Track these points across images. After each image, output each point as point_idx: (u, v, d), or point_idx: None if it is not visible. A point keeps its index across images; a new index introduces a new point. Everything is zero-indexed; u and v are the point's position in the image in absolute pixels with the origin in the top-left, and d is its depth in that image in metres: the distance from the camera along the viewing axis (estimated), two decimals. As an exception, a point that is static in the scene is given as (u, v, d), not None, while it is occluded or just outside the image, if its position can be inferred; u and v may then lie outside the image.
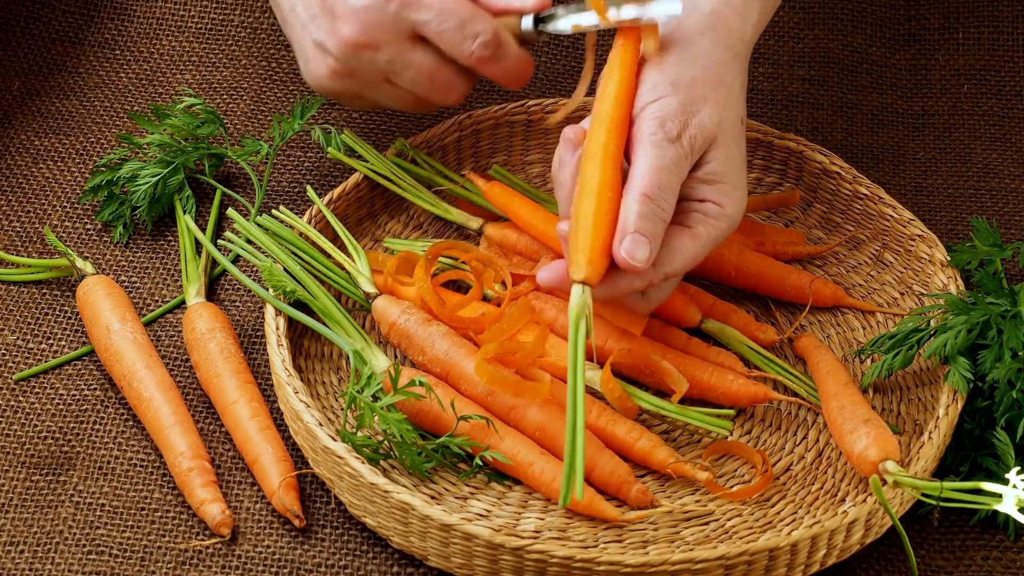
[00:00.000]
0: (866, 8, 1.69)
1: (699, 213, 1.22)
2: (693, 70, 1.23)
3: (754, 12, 1.29)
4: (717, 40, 1.25)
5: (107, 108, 1.59)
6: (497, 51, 1.31)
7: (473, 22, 1.29)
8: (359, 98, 1.36)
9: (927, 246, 1.38)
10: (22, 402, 1.31)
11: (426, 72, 1.32)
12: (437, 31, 1.29)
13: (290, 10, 1.34)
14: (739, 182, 1.24)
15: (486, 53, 1.30)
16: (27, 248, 1.45)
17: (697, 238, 1.22)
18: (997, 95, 1.65)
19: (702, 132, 1.21)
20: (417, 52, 1.31)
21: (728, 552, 1.14)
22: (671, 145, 1.19)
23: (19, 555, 1.20)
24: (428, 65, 1.31)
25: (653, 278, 1.21)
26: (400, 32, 1.30)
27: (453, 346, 1.28)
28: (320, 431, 1.20)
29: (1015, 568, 1.23)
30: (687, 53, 1.23)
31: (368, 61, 1.31)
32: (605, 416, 1.26)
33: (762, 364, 1.32)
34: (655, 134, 1.19)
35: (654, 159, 1.19)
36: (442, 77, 1.32)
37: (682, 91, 1.21)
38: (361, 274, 1.34)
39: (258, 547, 1.22)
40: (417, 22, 1.29)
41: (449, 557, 1.18)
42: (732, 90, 1.25)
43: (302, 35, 1.34)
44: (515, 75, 1.33)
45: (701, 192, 1.23)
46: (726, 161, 1.23)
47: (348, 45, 1.30)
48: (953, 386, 1.24)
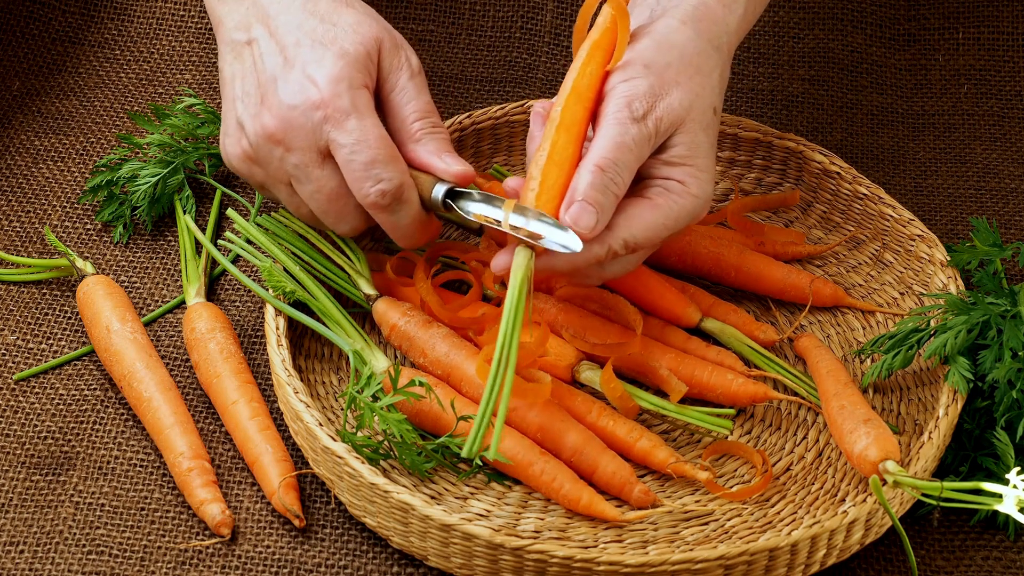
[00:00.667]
0: (866, 8, 1.69)
1: (660, 187, 1.23)
2: (669, 56, 1.23)
3: (740, 5, 1.29)
4: (700, 31, 1.25)
5: (107, 108, 1.59)
6: (394, 204, 1.26)
7: (383, 166, 1.25)
8: (262, 188, 1.33)
9: (927, 246, 1.38)
10: (22, 402, 1.31)
11: (325, 192, 1.27)
12: (346, 159, 1.25)
13: (229, 80, 1.31)
14: (705, 167, 1.24)
15: (382, 201, 1.25)
16: (27, 248, 1.45)
17: (657, 208, 1.21)
18: (997, 95, 1.65)
19: (669, 115, 1.21)
20: (324, 169, 1.26)
21: (728, 552, 1.14)
22: (634, 124, 1.20)
23: (19, 555, 1.20)
24: (329, 187, 1.27)
25: (611, 244, 1.20)
26: (315, 143, 1.25)
27: (454, 348, 1.28)
28: (320, 431, 1.20)
29: (1015, 568, 1.23)
30: (666, 40, 1.24)
31: (277, 158, 1.27)
32: (605, 416, 1.26)
33: (762, 364, 1.32)
34: (620, 111, 1.20)
35: (615, 135, 1.19)
36: (339, 204, 1.28)
37: (654, 74, 1.22)
38: (361, 275, 1.34)
39: (258, 547, 1.22)
40: (332, 141, 1.25)
41: (449, 557, 1.18)
42: (708, 79, 1.25)
43: (229, 109, 1.31)
44: (407, 234, 1.28)
45: (664, 171, 1.23)
46: (692, 146, 1.23)
47: (264, 135, 1.27)
48: (953, 386, 1.24)
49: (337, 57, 1.26)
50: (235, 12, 1.31)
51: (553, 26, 1.68)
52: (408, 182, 1.26)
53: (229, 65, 1.31)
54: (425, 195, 1.27)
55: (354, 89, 1.25)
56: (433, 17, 1.68)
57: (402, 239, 1.29)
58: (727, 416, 1.27)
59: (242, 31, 1.30)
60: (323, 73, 1.25)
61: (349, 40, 1.27)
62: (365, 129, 1.24)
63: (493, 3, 1.69)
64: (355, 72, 1.26)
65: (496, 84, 1.64)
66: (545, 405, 1.25)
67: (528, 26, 1.68)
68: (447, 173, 1.27)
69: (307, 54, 1.26)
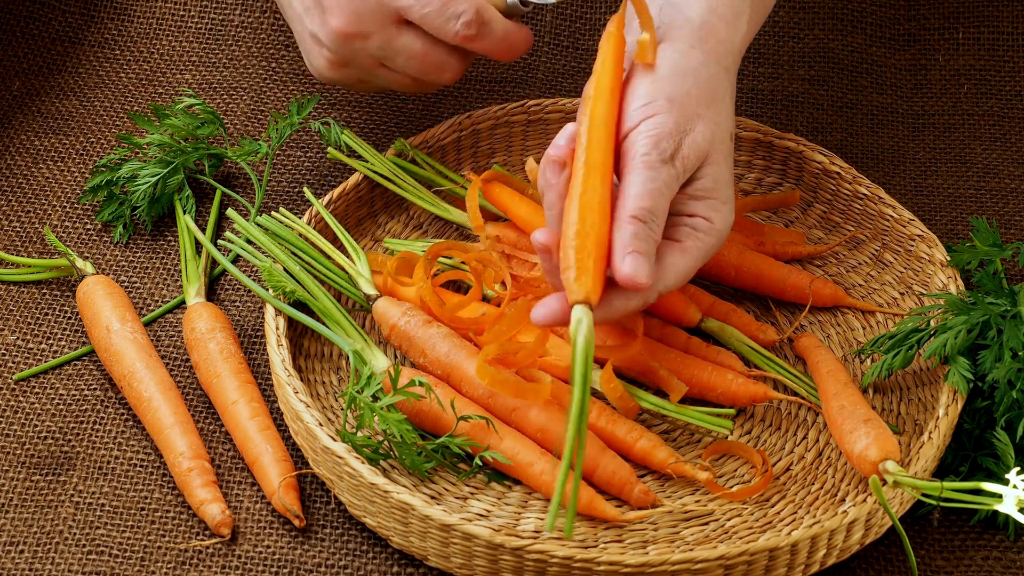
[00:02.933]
0: (866, 8, 1.69)
1: (688, 228, 1.22)
2: (687, 84, 1.22)
3: (743, 22, 1.28)
4: (707, 53, 1.24)
5: (107, 108, 1.59)
6: (482, 28, 1.33)
7: (454, 2, 1.32)
8: (362, 83, 1.40)
9: (927, 246, 1.38)
10: (22, 402, 1.31)
11: (417, 55, 1.34)
12: (420, 15, 1.32)
13: (288, 5, 1.38)
14: (728, 197, 1.24)
15: (470, 32, 1.32)
16: (27, 248, 1.45)
17: (687, 252, 1.21)
18: (997, 95, 1.65)
19: (695, 151, 1.20)
20: (405, 36, 1.34)
21: (728, 552, 1.14)
22: (664, 166, 1.18)
23: (19, 555, 1.21)
24: (418, 48, 1.34)
25: (648, 296, 1.20)
26: (386, 19, 1.33)
27: (454, 348, 1.28)
28: (320, 431, 1.20)
29: (1015, 568, 1.23)
30: (680, 68, 1.22)
31: (360, 50, 1.35)
32: (605, 416, 1.26)
33: (762, 363, 1.32)
34: (648, 154, 1.18)
35: (647, 180, 1.18)
36: (433, 58, 1.35)
37: (677, 107, 1.20)
38: (361, 275, 1.34)
39: (258, 547, 1.22)
40: (400, 7, 1.32)
41: (449, 557, 1.18)
42: (723, 105, 1.24)
43: (300, 28, 1.37)
44: (505, 49, 1.35)
45: (690, 207, 1.22)
46: (716, 177, 1.23)
47: (339, 36, 1.34)
48: (953, 386, 1.24)
49: None
50: None
51: (553, 26, 1.68)
52: (482, 3, 1.33)
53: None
54: (502, 7, 1.35)
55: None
56: (433, 17, 1.68)
57: (506, 54, 1.36)
58: (727, 416, 1.27)
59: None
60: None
61: None
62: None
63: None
64: None
65: (496, 84, 1.64)
66: (545, 405, 1.25)
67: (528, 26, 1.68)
68: None
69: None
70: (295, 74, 1.63)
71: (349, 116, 1.58)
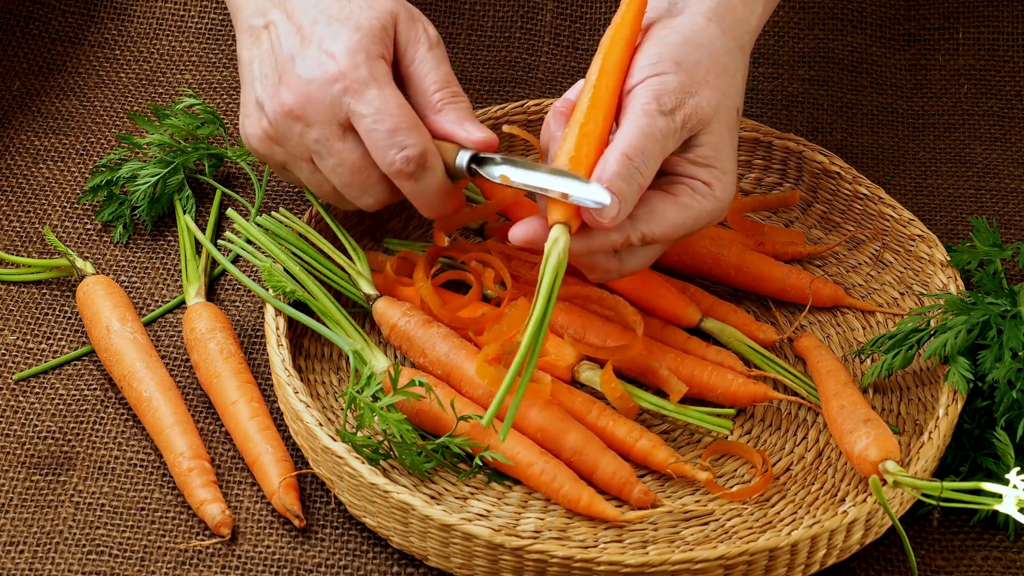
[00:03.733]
0: (866, 8, 1.69)
1: (686, 186, 1.22)
2: (698, 54, 1.22)
3: (760, 3, 1.29)
4: (725, 29, 1.25)
5: (107, 108, 1.59)
6: (418, 171, 1.25)
7: (406, 133, 1.24)
8: (284, 169, 1.33)
9: (927, 246, 1.38)
10: (22, 402, 1.31)
11: (348, 165, 1.27)
12: (368, 129, 1.24)
13: (248, 63, 1.31)
14: (729, 169, 1.23)
15: (407, 168, 1.24)
16: (27, 248, 1.45)
17: (680, 207, 1.21)
18: (997, 95, 1.65)
19: (697, 113, 1.21)
20: (346, 142, 1.26)
21: (728, 552, 1.14)
22: (662, 117, 1.19)
23: (19, 555, 1.20)
24: (352, 159, 1.27)
25: (630, 235, 1.19)
26: (335, 116, 1.25)
27: (454, 348, 1.28)
28: (320, 431, 1.20)
29: (1015, 568, 1.23)
30: (694, 38, 1.23)
31: (298, 134, 1.27)
32: (605, 416, 1.26)
33: (762, 363, 1.32)
34: (648, 104, 1.19)
35: (642, 125, 1.18)
36: (362, 176, 1.27)
37: (684, 71, 1.21)
38: (361, 275, 1.34)
39: (258, 547, 1.22)
40: (353, 112, 1.25)
41: (449, 557, 1.18)
42: (733, 79, 1.25)
43: (248, 92, 1.31)
44: (432, 204, 1.28)
45: (690, 170, 1.22)
46: (718, 146, 1.23)
47: (284, 111, 1.27)
48: (953, 386, 1.24)
49: (353, 31, 1.26)
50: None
51: (553, 26, 1.68)
52: (432, 148, 1.26)
53: (247, 49, 1.31)
54: (449, 163, 1.26)
55: (372, 60, 1.25)
56: (433, 17, 1.68)
57: (428, 208, 1.28)
58: (727, 416, 1.27)
59: (259, 16, 1.31)
60: (340, 46, 1.25)
61: (364, 15, 1.27)
62: (385, 98, 1.24)
63: (493, 3, 1.69)
64: (372, 44, 1.26)
65: (496, 84, 1.64)
66: (545, 405, 1.25)
67: (528, 26, 1.68)
68: (469, 140, 1.26)
69: (323, 30, 1.26)
70: (295, 74, 1.63)
71: (349, 116, 1.58)
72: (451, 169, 1.26)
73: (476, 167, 1.25)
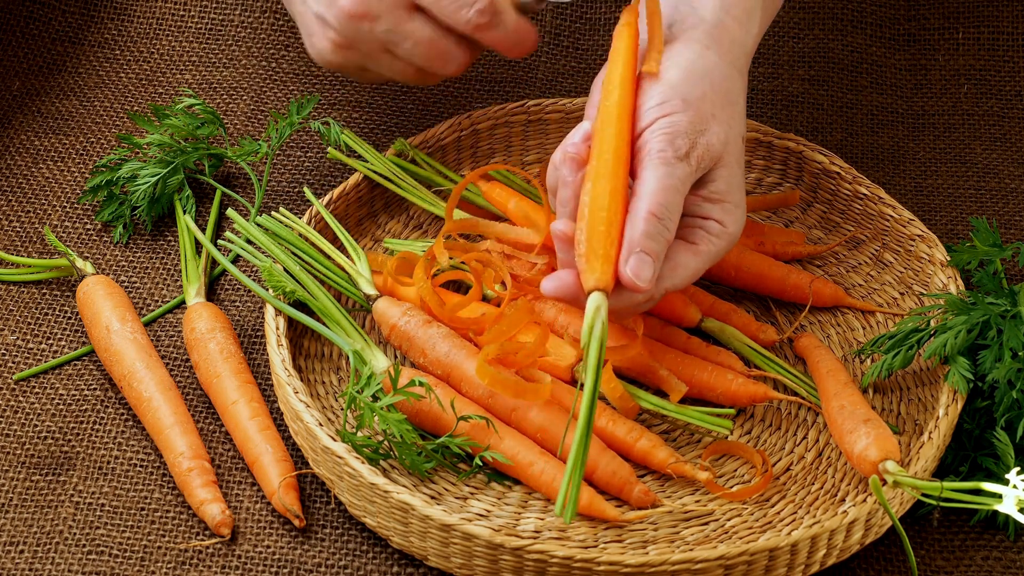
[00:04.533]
0: (866, 8, 1.69)
1: (702, 230, 1.23)
2: (702, 86, 1.22)
3: (755, 23, 1.28)
4: (722, 54, 1.25)
5: (107, 108, 1.59)
6: (493, 18, 1.31)
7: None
8: (363, 70, 1.37)
9: (927, 246, 1.38)
10: (22, 402, 1.31)
11: (424, 42, 1.32)
12: None
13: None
14: (740, 201, 1.24)
15: (482, 20, 1.31)
16: (27, 248, 1.45)
17: (699, 255, 1.22)
18: (997, 95, 1.65)
19: (709, 152, 1.21)
20: (414, 22, 1.32)
21: (728, 552, 1.14)
22: (679, 163, 1.19)
23: (19, 555, 1.21)
24: (426, 35, 1.32)
25: (655, 293, 1.21)
26: (396, 2, 1.31)
27: (454, 348, 1.28)
28: (320, 431, 1.20)
29: (1015, 568, 1.23)
30: (696, 69, 1.23)
31: (367, 32, 1.32)
32: (605, 416, 1.26)
33: (762, 363, 1.32)
34: (664, 151, 1.19)
35: (662, 177, 1.18)
36: (440, 47, 1.33)
37: (692, 108, 1.21)
38: (361, 275, 1.34)
39: (258, 547, 1.22)
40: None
41: (449, 557, 1.18)
42: (736, 107, 1.25)
43: (303, 9, 1.35)
44: (514, 43, 1.34)
45: (704, 210, 1.23)
46: (729, 180, 1.23)
47: (346, 16, 1.31)
48: (953, 386, 1.24)
49: None
50: None
51: (553, 26, 1.68)
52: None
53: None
54: (515, 2, 1.33)
55: None
56: (433, 17, 1.68)
57: (514, 48, 1.34)
58: (727, 416, 1.27)
59: None
60: None
61: None
62: None
63: (493, 3, 1.69)
64: None
65: (496, 84, 1.64)
66: (545, 405, 1.25)
67: (529, 26, 1.68)
68: None
69: None
70: (295, 74, 1.63)
71: (349, 116, 1.58)
72: (518, 5, 1.34)
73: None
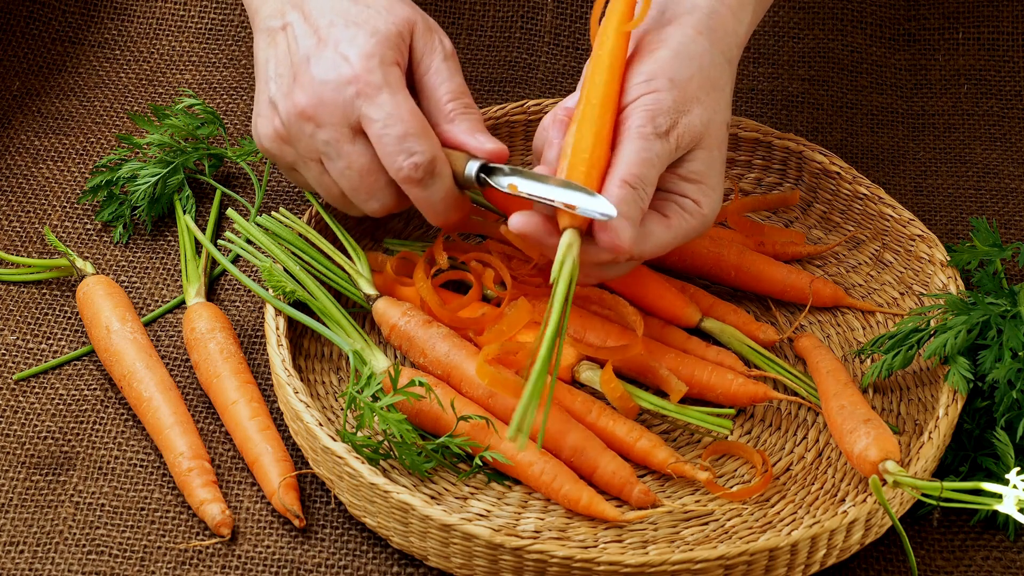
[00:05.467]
0: (866, 8, 1.69)
1: (676, 205, 1.23)
2: (690, 69, 1.23)
3: (748, 13, 1.29)
4: (714, 42, 1.26)
5: (107, 108, 1.59)
6: (426, 178, 1.26)
7: (415, 139, 1.25)
8: (293, 171, 1.33)
9: (927, 246, 1.38)
10: (22, 402, 1.31)
11: (356, 168, 1.27)
12: (378, 133, 1.25)
13: (263, 64, 1.32)
14: (717, 184, 1.25)
15: (415, 175, 1.25)
16: (27, 248, 1.45)
17: (670, 228, 1.23)
18: (997, 95, 1.65)
19: (689, 131, 1.22)
20: (355, 145, 1.27)
21: (728, 552, 1.14)
22: (658, 140, 1.20)
23: (19, 555, 1.20)
24: (361, 163, 1.27)
25: (620, 257, 1.21)
26: (346, 119, 1.26)
27: (454, 348, 1.28)
28: (320, 431, 1.20)
29: (1015, 568, 1.23)
30: (685, 52, 1.24)
31: (308, 135, 1.28)
32: (605, 416, 1.26)
33: (762, 363, 1.32)
34: (644, 126, 1.20)
35: (640, 150, 1.19)
36: (370, 180, 1.28)
37: (677, 89, 1.22)
38: (361, 275, 1.34)
39: (258, 547, 1.22)
40: (364, 116, 1.25)
41: (449, 557, 1.18)
42: (723, 94, 1.26)
43: (263, 89, 1.31)
44: (438, 211, 1.28)
45: (680, 187, 1.24)
46: (708, 162, 1.24)
47: (296, 111, 1.27)
48: (953, 386, 1.24)
49: (369, 35, 1.27)
50: (270, 1, 1.33)
51: (553, 26, 1.68)
52: (441, 156, 1.26)
53: (263, 50, 1.32)
54: (458, 172, 1.27)
55: (386, 65, 1.26)
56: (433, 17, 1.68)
57: (435, 216, 1.29)
58: (727, 416, 1.27)
59: (277, 18, 1.31)
60: (356, 50, 1.26)
61: (382, 20, 1.28)
62: (397, 103, 1.25)
63: (493, 3, 1.69)
64: (387, 50, 1.27)
65: (496, 84, 1.64)
66: (545, 405, 1.25)
67: (528, 26, 1.68)
68: (481, 151, 1.27)
69: (340, 33, 1.27)
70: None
71: (349, 116, 1.58)
72: (460, 178, 1.27)
73: (485, 176, 1.26)
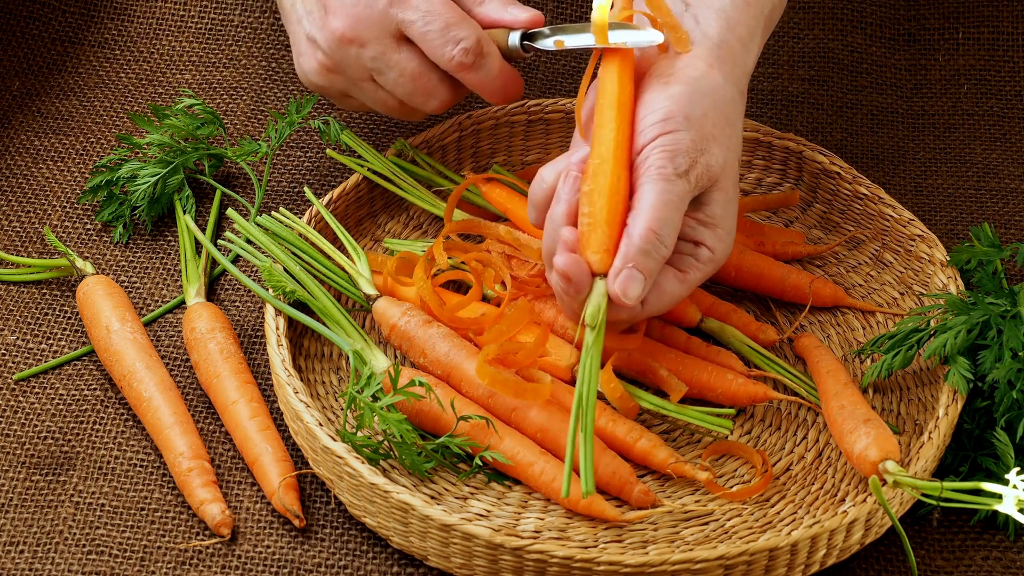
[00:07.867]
0: (866, 8, 1.69)
1: (692, 257, 1.23)
2: (705, 105, 1.22)
3: (756, 44, 1.28)
4: (726, 75, 1.24)
5: (107, 108, 1.59)
6: (478, 60, 1.31)
7: (458, 27, 1.30)
8: (346, 96, 1.38)
9: (927, 246, 1.38)
10: (22, 402, 1.31)
11: (408, 74, 1.33)
12: (421, 32, 1.30)
13: (290, 6, 1.36)
14: (732, 228, 1.25)
15: (467, 60, 1.31)
16: (27, 248, 1.45)
17: (684, 282, 1.23)
18: (997, 95, 1.65)
19: (708, 172, 1.21)
20: (402, 52, 1.32)
21: (728, 552, 1.14)
22: (679, 180, 1.19)
23: (19, 555, 1.21)
24: (411, 67, 1.32)
25: (637, 316, 1.22)
26: (386, 30, 1.31)
27: (454, 348, 1.28)
28: (320, 431, 1.20)
29: (1015, 568, 1.23)
30: (699, 87, 1.22)
31: (354, 57, 1.33)
32: (605, 416, 1.26)
33: (762, 363, 1.32)
34: (664, 167, 1.19)
35: (661, 192, 1.18)
36: (424, 81, 1.33)
37: (695, 127, 1.20)
38: (361, 275, 1.34)
39: (258, 547, 1.22)
40: (403, 21, 1.30)
41: (449, 557, 1.18)
42: (735, 129, 1.25)
43: (297, 29, 1.36)
44: (496, 88, 1.34)
45: (697, 233, 1.23)
46: (725, 203, 1.23)
47: (336, 39, 1.32)
48: (953, 386, 1.24)
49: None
50: None
51: (553, 26, 1.68)
52: (484, 36, 1.32)
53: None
54: (503, 46, 1.34)
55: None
56: (433, 17, 1.68)
57: (493, 94, 1.34)
58: (727, 416, 1.27)
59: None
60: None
61: None
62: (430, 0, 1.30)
63: (493, 3, 1.69)
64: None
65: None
66: (545, 405, 1.25)
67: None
68: (517, 22, 1.33)
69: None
70: (295, 74, 1.63)
71: (349, 116, 1.58)
72: (505, 51, 1.34)
73: (529, 43, 1.33)
